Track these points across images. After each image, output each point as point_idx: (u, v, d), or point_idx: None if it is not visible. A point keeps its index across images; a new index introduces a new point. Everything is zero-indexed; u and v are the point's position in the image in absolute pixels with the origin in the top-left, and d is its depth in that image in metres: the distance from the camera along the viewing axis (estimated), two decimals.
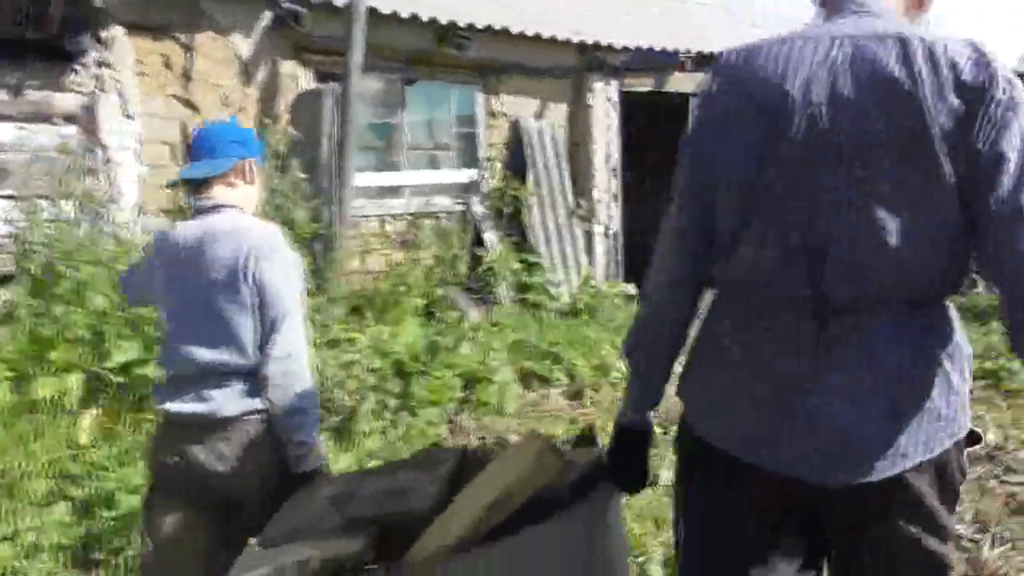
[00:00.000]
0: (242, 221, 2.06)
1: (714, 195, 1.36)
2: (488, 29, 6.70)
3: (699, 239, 1.41)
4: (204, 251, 2.00)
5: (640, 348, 1.53)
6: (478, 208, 7.12)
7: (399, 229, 6.77)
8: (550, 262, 7.39)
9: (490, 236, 7.02)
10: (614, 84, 7.96)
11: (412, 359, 4.68)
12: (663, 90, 8.33)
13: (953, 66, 1.21)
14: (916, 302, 1.30)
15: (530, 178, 7.34)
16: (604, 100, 7.92)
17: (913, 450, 1.27)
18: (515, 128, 7.41)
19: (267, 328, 1.96)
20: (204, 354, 1.97)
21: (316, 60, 6.19)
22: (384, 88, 6.73)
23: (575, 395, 5.23)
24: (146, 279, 2.17)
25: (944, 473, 1.31)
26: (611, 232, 8.13)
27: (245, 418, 1.97)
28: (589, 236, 7.90)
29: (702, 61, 8.46)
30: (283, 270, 2.00)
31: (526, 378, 5.41)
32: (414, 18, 6.27)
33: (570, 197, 7.71)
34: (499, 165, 7.32)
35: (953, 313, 1.36)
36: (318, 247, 5.52)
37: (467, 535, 1.49)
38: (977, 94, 1.20)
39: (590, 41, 7.51)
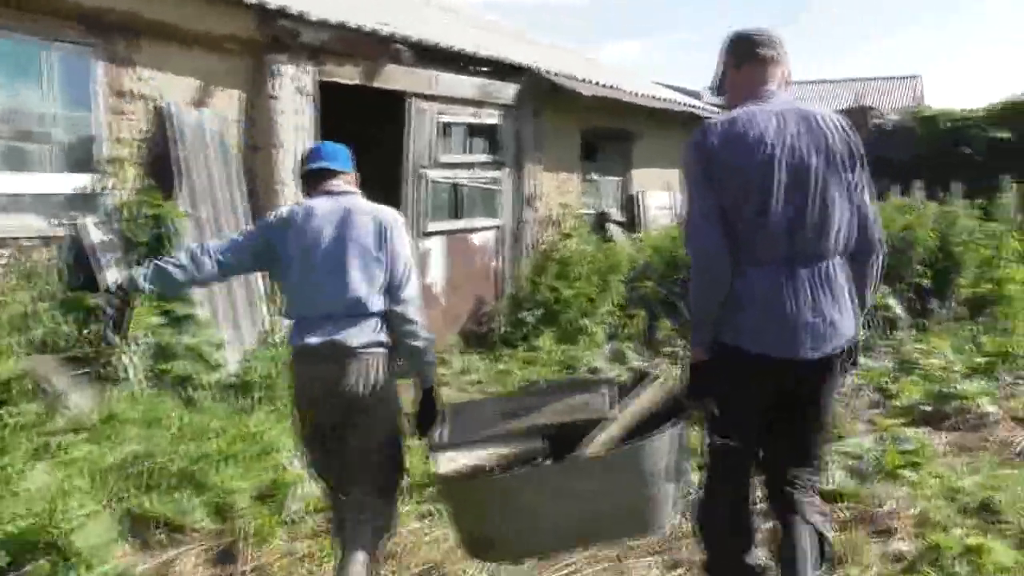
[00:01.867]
0: (370, 203, 2.83)
1: (726, 204, 2.38)
2: None
3: (721, 231, 2.38)
4: (352, 221, 2.70)
5: (708, 307, 2.43)
6: (95, 233, 4.79)
7: None
8: (210, 314, 5.25)
9: (113, 275, 4.70)
10: (310, 70, 6.05)
11: None
12: (374, 85, 6.57)
13: (841, 127, 2.48)
14: (836, 257, 2.46)
15: (182, 191, 5.17)
16: (295, 91, 5.97)
17: (842, 340, 2.45)
18: (160, 118, 5.20)
19: (397, 279, 2.69)
20: (351, 298, 2.64)
21: None
22: None
23: (224, 556, 3.22)
24: (275, 243, 2.75)
25: (851, 351, 2.52)
26: None
27: (375, 351, 2.66)
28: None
29: (423, 54, 6.85)
30: (407, 239, 2.79)
31: (139, 526, 3.30)
32: None
33: (246, 220, 5.63)
34: (132, 171, 5.05)
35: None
36: None
37: (621, 436, 2.45)
38: (851, 144, 2.46)
39: (274, 4, 5.53)
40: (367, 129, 7.20)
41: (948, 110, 12.47)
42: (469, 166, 7.79)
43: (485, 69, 7.84)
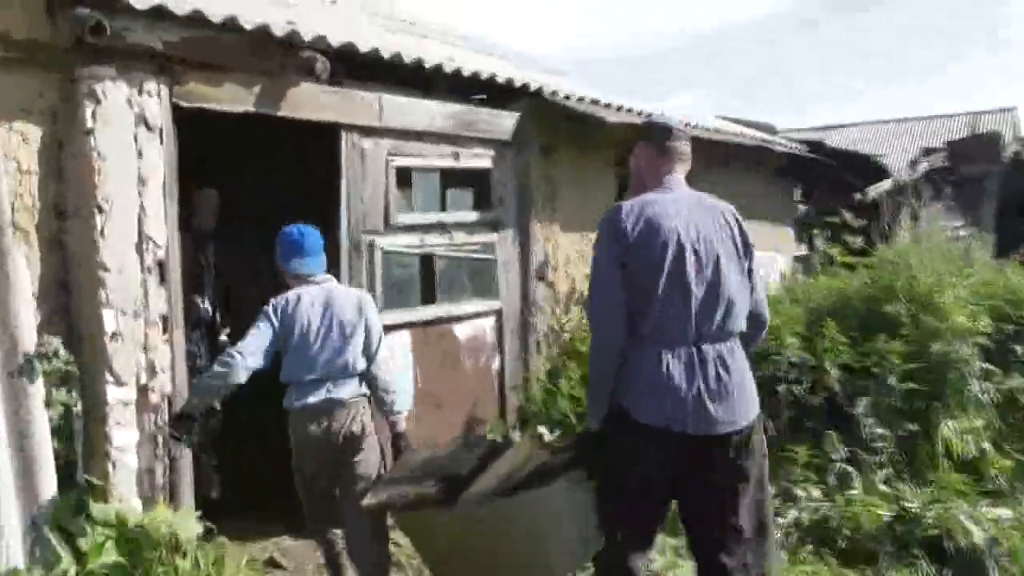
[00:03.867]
0: (345, 287, 4.02)
1: (636, 286, 2.73)
2: None
3: (625, 310, 2.74)
4: (336, 302, 3.67)
5: (602, 385, 2.82)
6: None
7: None
8: None
9: None
10: (156, 89, 3.96)
11: None
12: (279, 113, 4.44)
13: (736, 218, 2.93)
14: (736, 337, 2.84)
15: None
16: (132, 121, 3.88)
17: (750, 415, 2.79)
18: None
19: (372, 347, 3.72)
20: (341, 362, 3.62)
21: None
22: None
23: None
24: (280, 331, 3.60)
25: (756, 430, 2.83)
26: (156, 399, 3.94)
27: (359, 400, 3.70)
28: (89, 415, 3.67)
29: (353, 66, 4.74)
30: (377, 313, 3.83)
31: None
32: None
33: (22, 329, 3.47)
34: None
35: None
36: None
37: (497, 491, 3.03)
38: (744, 233, 2.91)
39: None
40: (280, 175, 5.08)
41: None
42: (445, 228, 5.56)
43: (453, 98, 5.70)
